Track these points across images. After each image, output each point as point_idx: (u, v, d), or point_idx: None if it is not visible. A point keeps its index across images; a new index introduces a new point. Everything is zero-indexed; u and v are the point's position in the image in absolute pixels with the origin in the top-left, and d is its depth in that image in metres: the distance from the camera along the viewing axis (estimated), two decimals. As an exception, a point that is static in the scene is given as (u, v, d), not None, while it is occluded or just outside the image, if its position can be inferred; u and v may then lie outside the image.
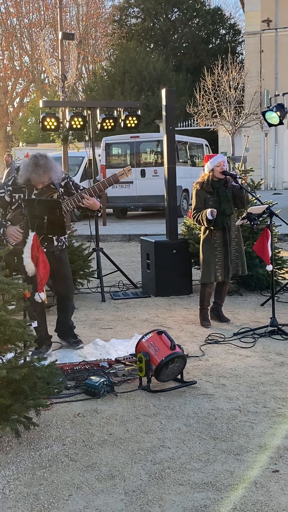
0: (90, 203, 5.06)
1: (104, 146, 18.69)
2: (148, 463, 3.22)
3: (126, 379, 4.44)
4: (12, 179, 5.01)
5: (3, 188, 4.99)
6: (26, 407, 3.45)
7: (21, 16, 41.99)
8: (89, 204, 5.06)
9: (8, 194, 4.96)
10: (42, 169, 4.80)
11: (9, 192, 4.95)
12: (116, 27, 41.09)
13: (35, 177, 4.82)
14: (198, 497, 2.87)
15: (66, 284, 5.30)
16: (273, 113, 6.84)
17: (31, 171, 4.80)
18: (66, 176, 5.16)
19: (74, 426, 3.69)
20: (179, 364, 4.29)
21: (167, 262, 7.38)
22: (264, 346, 5.28)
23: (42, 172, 4.81)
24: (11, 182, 4.99)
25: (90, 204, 5.07)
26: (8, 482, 3.06)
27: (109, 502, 2.85)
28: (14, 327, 3.45)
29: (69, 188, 5.11)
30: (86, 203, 5.04)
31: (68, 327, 5.37)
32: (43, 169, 4.80)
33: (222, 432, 3.57)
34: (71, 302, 5.41)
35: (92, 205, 5.08)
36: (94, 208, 5.13)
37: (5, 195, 4.96)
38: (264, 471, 3.10)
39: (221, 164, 5.89)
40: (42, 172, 4.81)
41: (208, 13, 39.68)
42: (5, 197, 4.96)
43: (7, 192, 4.96)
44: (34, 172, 4.79)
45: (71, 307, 5.41)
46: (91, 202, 5.06)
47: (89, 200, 5.04)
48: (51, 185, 4.99)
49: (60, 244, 5.14)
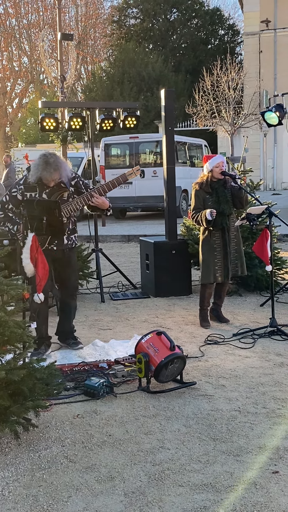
0: (99, 202, 5.10)
1: (103, 146, 18.67)
2: (147, 464, 3.21)
3: (125, 380, 4.44)
4: (24, 178, 5.09)
5: (15, 188, 5.06)
6: (25, 409, 3.44)
7: (20, 16, 42.00)
8: (98, 202, 5.09)
9: (20, 192, 5.02)
10: (52, 167, 4.87)
11: (21, 191, 5.02)
12: (115, 27, 41.09)
13: (46, 175, 4.88)
14: (198, 499, 2.86)
15: (72, 283, 5.34)
16: (272, 114, 6.84)
17: (42, 169, 4.87)
18: (76, 176, 5.22)
19: (73, 427, 3.68)
20: (178, 365, 4.28)
21: (167, 262, 7.37)
22: (263, 346, 5.27)
23: (53, 170, 4.87)
24: (22, 181, 5.07)
25: (99, 203, 5.10)
26: (7, 483, 3.05)
27: (108, 503, 2.85)
28: (13, 328, 3.44)
29: (79, 188, 5.17)
30: (95, 201, 5.07)
31: (69, 329, 5.37)
32: (53, 167, 4.87)
33: (222, 433, 3.56)
34: (74, 302, 5.43)
35: (101, 203, 5.11)
36: (103, 207, 5.16)
37: (17, 193, 5.03)
38: (264, 472, 3.09)
39: (220, 164, 5.88)
40: (52, 170, 4.87)
41: (207, 14, 39.69)
42: (17, 195, 5.03)
43: (19, 191, 5.02)
44: (45, 170, 4.86)
45: (73, 307, 5.43)
46: (100, 200, 5.10)
47: (98, 198, 5.08)
48: (62, 184, 5.04)
49: (70, 243, 5.18)
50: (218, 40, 40.41)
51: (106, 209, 5.23)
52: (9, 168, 18.52)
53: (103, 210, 5.25)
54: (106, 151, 18.77)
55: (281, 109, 6.81)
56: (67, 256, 5.17)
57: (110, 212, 5.37)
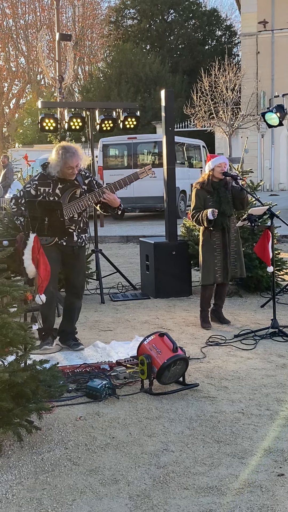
0: (110, 198, 5.08)
1: (101, 147, 18.65)
2: (152, 467, 3.19)
3: (127, 381, 4.41)
4: (39, 175, 5.12)
5: (30, 183, 5.10)
6: (28, 411, 3.41)
7: (17, 17, 41.93)
8: (109, 199, 5.08)
9: (33, 187, 5.04)
10: (72, 150, 4.90)
11: (35, 186, 5.04)
12: (112, 28, 41.12)
13: (70, 157, 4.88)
14: (203, 502, 2.84)
15: (79, 282, 5.34)
16: (272, 114, 6.84)
17: (65, 157, 4.87)
18: (89, 175, 5.23)
19: (76, 430, 3.65)
20: (181, 367, 4.26)
21: (167, 263, 7.35)
22: (265, 348, 5.25)
23: (74, 151, 4.90)
24: (37, 177, 5.10)
25: (110, 199, 5.08)
26: (11, 486, 3.02)
27: (113, 507, 2.82)
28: (16, 330, 3.42)
29: (92, 187, 5.18)
30: (106, 197, 5.06)
31: (70, 329, 5.35)
32: (73, 150, 4.90)
33: (226, 435, 3.54)
34: (79, 302, 5.43)
35: (112, 200, 5.10)
36: (114, 204, 5.15)
37: (31, 188, 5.06)
38: (269, 475, 3.07)
39: (222, 165, 5.86)
40: (74, 151, 4.89)
41: (204, 15, 39.76)
42: (31, 190, 5.05)
43: (33, 186, 5.05)
44: (68, 153, 4.87)
45: (78, 308, 5.42)
46: (112, 197, 5.09)
47: (109, 195, 5.07)
48: (75, 181, 5.06)
49: (80, 241, 5.18)
50: (215, 41, 40.50)
51: (117, 207, 5.20)
52: (7, 168, 18.49)
53: (114, 209, 5.22)
54: (104, 152, 18.75)
55: (281, 110, 6.81)
56: (76, 254, 5.17)
57: (121, 211, 5.30)
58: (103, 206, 5.24)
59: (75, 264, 5.22)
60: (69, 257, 5.13)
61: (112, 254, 11.27)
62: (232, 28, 41.19)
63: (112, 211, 5.28)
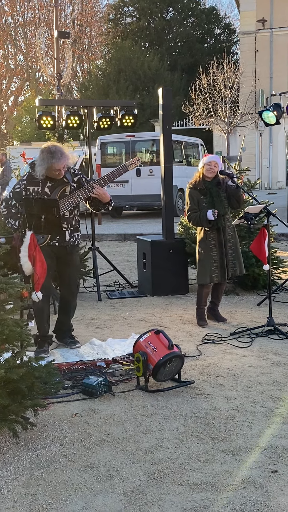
0: (100, 193, 5.02)
1: (99, 145, 18.64)
2: (146, 463, 3.21)
3: (123, 378, 4.43)
4: (27, 175, 5.08)
5: (19, 184, 5.06)
6: (23, 407, 3.43)
7: (16, 14, 41.89)
8: (99, 193, 5.02)
9: (23, 187, 5.01)
10: (58, 153, 4.85)
11: (24, 185, 5.01)
12: (111, 26, 41.06)
13: (55, 162, 4.83)
14: (197, 498, 2.86)
15: (72, 281, 5.30)
16: (270, 113, 6.85)
17: (50, 158, 4.83)
18: (79, 173, 5.18)
19: (71, 426, 3.67)
20: (176, 364, 4.27)
21: (164, 261, 7.37)
22: (261, 345, 5.27)
23: (60, 155, 4.84)
24: (26, 177, 5.07)
25: (100, 194, 5.02)
26: (6, 482, 3.04)
27: (108, 502, 2.84)
28: (12, 327, 3.43)
29: (81, 184, 5.13)
30: (96, 192, 5.00)
31: (67, 327, 5.35)
32: (59, 153, 4.85)
33: (221, 432, 3.56)
34: (74, 301, 5.40)
35: (102, 195, 5.04)
36: (104, 199, 5.09)
37: (21, 188, 5.02)
38: (263, 471, 3.09)
39: (212, 163, 5.86)
40: (60, 155, 4.84)
41: (203, 13, 39.72)
42: (21, 191, 5.02)
43: (22, 186, 5.02)
44: (53, 158, 4.82)
45: (73, 307, 5.40)
46: (101, 191, 5.03)
47: (99, 190, 5.02)
48: (64, 178, 5.01)
49: (73, 240, 5.13)
50: (214, 39, 40.47)
51: (108, 203, 5.15)
52: (5, 166, 18.47)
53: (104, 204, 5.17)
54: (103, 150, 18.75)
55: (278, 108, 6.82)
56: (69, 253, 5.13)
57: (112, 206, 5.25)
58: (93, 203, 5.19)
59: (69, 264, 5.17)
60: (62, 257, 5.08)
61: (110, 252, 11.28)
62: (231, 26, 41.17)
63: (103, 207, 5.23)
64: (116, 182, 17.87)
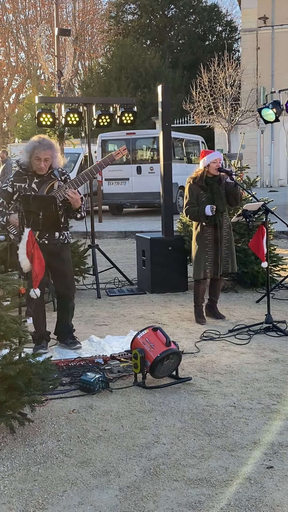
0: (72, 197, 4.81)
1: (100, 142, 18.65)
2: (143, 459, 3.22)
3: (121, 375, 4.44)
4: (14, 172, 5.05)
5: (6, 182, 5.02)
6: (21, 403, 3.45)
7: (17, 12, 41.84)
8: (71, 198, 4.81)
9: (10, 185, 4.96)
10: (45, 142, 4.84)
11: (11, 182, 4.97)
12: (113, 23, 41.05)
13: (38, 147, 4.80)
14: (192, 493, 2.87)
15: (66, 281, 5.17)
16: (269, 110, 6.85)
17: (35, 143, 4.82)
18: (66, 173, 5.11)
19: (69, 422, 3.69)
20: (174, 361, 4.29)
21: (163, 259, 7.38)
22: (259, 342, 5.28)
23: (47, 144, 4.83)
24: (13, 174, 5.05)
25: (71, 198, 4.81)
26: (3, 478, 3.06)
27: (103, 498, 2.86)
28: (9, 323, 3.45)
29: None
30: (70, 194, 4.81)
31: (67, 328, 5.24)
32: (46, 143, 4.84)
33: (217, 428, 3.57)
34: (72, 301, 5.24)
35: (73, 199, 4.83)
36: (75, 205, 4.88)
37: (8, 186, 4.98)
38: (258, 467, 3.11)
39: (217, 161, 5.88)
40: (46, 144, 4.82)
41: (204, 10, 39.70)
42: (8, 188, 4.97)
43: (9, 184, 4.97)
44: (38, 143, 4.81)
45: (71, 306, 5.26)
46: (74, 197, 4.82)
47: (73, 194, 4.82)
48: (52, 174, 4.96)
49: (62, 238, 5.01)
50: (215, 37, 40.43)
51: (76, 210, 4.94)
52: (6, 163, 18.51)
53: (73, 211, 4.95)
54: (103, 147, 18.75)
55: (278, 105, 6.82)
56: (59, 251, 5.02)
57: (82, 215, 4.99)
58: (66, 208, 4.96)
59: (61, 263, 5.06)
60: (52, 256, 4.94)
61: (110, 249, 11.30)
62: (232, 24, 41.13)
63: (72, 213, 4.99)
64: (117, 180, 17.89)
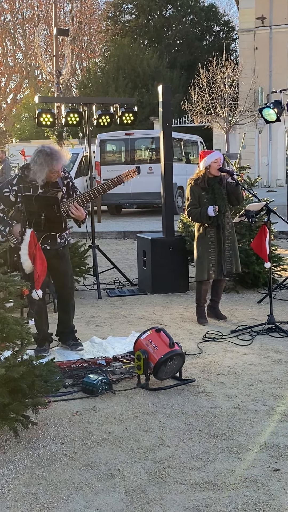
0: (75, 215, 4.89)
1: (98, 143, 18.61)
2: (148, 462, 3.19)
3: (124, 377, 4.41)
4: (16, 178, 4.90)
5: (8, 188, 4.88)
6: (24, 406, 3.41)
7: (15, 12, 41.81)
8: (75, 215, 4.90)
9: (13, 194, 4.85)
10: (56, 154, 4.73)
11: (14, 192, 4.85)
12: (110, 23, 41.03)
13: (56, 163, 4.71)
14: (199, 497, 2.84)
15: (67, 280, 5.18)
16: (270, 110, 6.81)
17: (50, 160, 4.68)
18: (69, 176, 5.07)
19: (72, 425, 3.66)
20: (177, 362, 4.26)
21: (164, 259, 7.35)
22: (261, 343, 5.26)
23: (58, 155, 4.73)
24: (15, 181, 4.89)
25: (75, 216, 4.90)
26: (7, 481, 3.02)
27: (109, 501, 2.82)
28: (12, 325, 3.41)
29: (69, 189, 5.02)
30: (73, 211, 4.87)
31: (69, 329, 5.22)
32: (56, 153, 4.74)
33: (222, 431, 3.54)
34: (72, 299, 5.27)
35: (76, 216, 4.91)
36: (78, 219, 4.96)
37: (10, 194, 4.85)
38: (265, 470, 3.08)
39: (218, 160, 5.85)
40: (58, 156, 4.73)
41: (202, 10, 39.71)
42: (10, 196, 4.85)
43: (12, 192, 4.85)
44: (53, 159, 4.69)
45: (72, 306, 5.26)
46: (77, 214, 4.88)
47: (77, 210, 4.87)
48: (56, 183, 4.88)
49: (63, 241, 5.03)
50: (213, 37, 40.47)
51: (81, 221, 5.02)
52: (4, 164, 18.44)
53: (77, 222, 5.05)
54: (102, 147, 18.71)
55: (279, 105, 6.78)
56: (61, 255, 5.02)
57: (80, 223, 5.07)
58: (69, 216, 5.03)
59: (61, 266, 5.05)
60: (54, 260, 4.92)
61: (110, 250, 11.27)
62: (230, 24, 41.15)
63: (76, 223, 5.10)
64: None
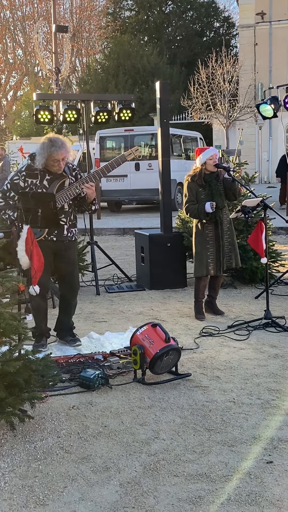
0: (88, 191, 4.90)
1: (98, 139, 18.63)
2: (143, 455, 3.23)
3: (120, 371, 4.45)
4: (26, 166, 5.02)
5: (18, 175, 4.98)
6: (21, 400, 3.45)
7: (15, 8, 41.76)
8: (89, 191, 4.90)
9: (22, 179, 4.94)
10: (59, 142, 4.81)
11: (23, 177, 4.93)
12: (110, 20, 40.97)
13: (54, 150, 4.78)
14: (192, 488, 2.88)
15: (74, 282, 5.19)
16: (267, 106, 6.85)
17: (50, 146, 4.79)
18: (76, 168, 5.13)
19: (69, 419, 3.69)
20: (173, 357, 4.29)
21: (162, 255, 7.38)
22: (258, 338, 5.29)
23: (60, 144, 4.81)
24: (25, 168, 5.01)
25: (87, 191, 4.90)
26: (3, 474, 3.06)
27: (104, 493, 2.86)
28: (9, 320, 3.45)
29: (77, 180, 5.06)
30: (87, 187, 4.89)
31: (68, 326, 5.25)
32: (59, 143, 4.81)
33: (217, 424, 3.58)
34: (75, 300, 5.26)
35: (89, 193, 4.93)
36: (90, 197, 4.98)
37: (20, 180, 4.94)
38: (258, 462, 3.12)
39: (213, 157, 5.87)
40: (60, 144, 4.80)
41: (202, 6, 39.64)
42: (20, 182, 4.94)
43: (21, 177, 4.94)
44: (53, 146, 4.78)
45: (74, 305, 5.28)
46: (90, 190, 4.91)
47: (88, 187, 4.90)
48: (63, 172, 4.95)
49: (70, 235, 5.04)
50: (213, 33, 40.40)
51: (91, 202, 5.04)
52: (4, 161, 18.46)
53: (88, 204, 5.04)
54: (101, 144, 18.73)
55: (276, 101, 6.82)
56: (67, 249, 5.03)
57: (96, 207, 5.17)
58: (78, 203, 5.06)
59: (68, 261, 5.07)
60: (60, 253, 4.98)
61: (109, 246, 11.31)
62: (230, 20, 41.07)
63: (86, 207, 5.09)
64: (115, 176, 17.87)
